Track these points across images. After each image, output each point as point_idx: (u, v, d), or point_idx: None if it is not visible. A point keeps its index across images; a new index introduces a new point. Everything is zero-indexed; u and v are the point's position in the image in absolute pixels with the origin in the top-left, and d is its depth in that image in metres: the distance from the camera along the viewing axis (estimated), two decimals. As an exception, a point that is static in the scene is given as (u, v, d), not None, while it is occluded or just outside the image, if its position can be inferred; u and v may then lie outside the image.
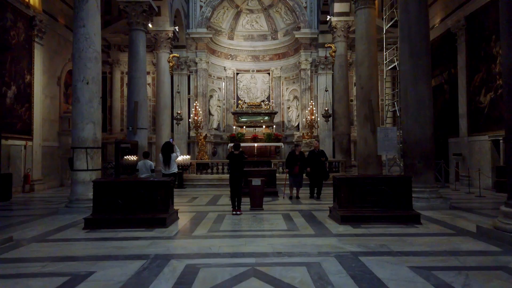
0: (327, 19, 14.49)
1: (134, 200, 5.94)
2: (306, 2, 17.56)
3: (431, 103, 7.79)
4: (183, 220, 6.55)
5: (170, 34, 13.89)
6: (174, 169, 7.67)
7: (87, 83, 7.49)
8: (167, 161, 7.53)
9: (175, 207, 6.80)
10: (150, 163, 8.17)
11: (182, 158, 12.51)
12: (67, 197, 8.28)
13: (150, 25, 14.18)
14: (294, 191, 9.49)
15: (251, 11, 18.87)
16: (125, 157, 10.62)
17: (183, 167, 12.46)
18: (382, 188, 6.07)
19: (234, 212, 7.03)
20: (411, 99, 7.72)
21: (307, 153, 10.28)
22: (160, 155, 7.60)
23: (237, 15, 18.85)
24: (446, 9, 13.80)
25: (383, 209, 6.02)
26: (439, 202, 7.51)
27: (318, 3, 17.31)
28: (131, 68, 10.86)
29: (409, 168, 7.76)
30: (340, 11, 14.16)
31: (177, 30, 14.27)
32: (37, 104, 12.41)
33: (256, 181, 7.72)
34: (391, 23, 13.43)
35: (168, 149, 7.55)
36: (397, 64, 13.32)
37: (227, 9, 18.45)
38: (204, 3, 17.38)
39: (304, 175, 9.61)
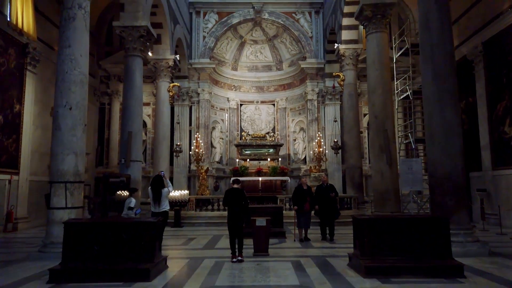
0: (335, 47, 13.88)
1: (113, 246, 4.90)
2: (311, 32, 17.11)
3: (460, 130, 6.83)
4: (173, 269, 5.45)
5: (171, 63, 13.28)
6: (166, 206, 6.63)
7: (70, 109, 6.64)
8: (157, 197, 6.51)
9: (165, 252, 5.72)
10: (131, 200, 7.20)
11: (180, 193, 11.48)
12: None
13: (150, 54, 13.62)
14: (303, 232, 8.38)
15: (255, 41, 18.44)
16: (117, 192, 9.65)
17: (180, 204, 11.40)
18: (414, 231, 4.98)
19: (235, 259, 5.92)
20: (436, 126, 6.77)
21: (315, 188, 9.26)
22: (149, 190, 6.60)
23: (241, 45, 18.41)
24: (460, 36, 13.14)
25: (416, 258, 4.91)
26: (477, 246, 6.36)
27: (324, 32, 16.85)
28: (126, 96, 10.09)
29: (438, 206, 6.67)
30: (348, 39, 13.56)
31: (177, 58, 13.68)
32: (26, 135, 11.60)
33: (261, 221, 6.65)
34: (401, 51, 12.80)
35: (158, 184, 6.55)
36: (410, 93, 12.58)
37: (231, 39, 18.04)
38: (207, 33, 16.98)
39: (312, 213, 8.54)
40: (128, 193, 7.68)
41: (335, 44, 13.92)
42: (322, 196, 8.44)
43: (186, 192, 12.11)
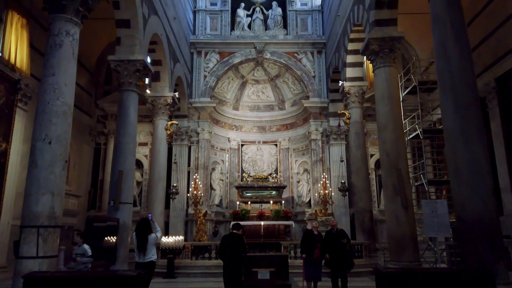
0: (339, 84, 13.42)
1: (81, 306, 3.96)
2: (314, 72, 16.81)
3: (489, 167, 6.03)
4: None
5: (169, 100, 12.76)
6: (152, 256, 5.65)
7: (50, 143, 5.92)
8: (143, 245, 5.56)
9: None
10: (84, 249, 6.25)
11: (174, 239, 10.46)
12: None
13: (148, 91, 13.19)
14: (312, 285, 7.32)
15: (257, 81, 18.13)
16: (105, 238, 8.69)
17: (174, 251, 10.35)
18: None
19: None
20: (462, 163, 5.98)
21: (323, 233, 8.30)
22: (134, 236, 5.68)
23: (243, 85, 18.08)
24: (469, 72, 12.69)
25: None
26: (521, 305, 5.35)
27: (327, 72, 16.54)
28: (119, 133, 9.42)
29: (470, 256, 5.72)
30: (353, 76, 13.14)
31: (176, 95, 13.20)
32: (11, 176, 10.81)
33: (264, 274, 5.71)
34: (408, 89, 12.36)
35: (144, 229, 5.63)
36: (420, 132, 11.95)
37: (232, 79, 17.73)
38: (208, 73, 16.69)
39: (322, 262, 7.53)
40: (81, 240, 6.70)
41: (339, 81, 13.48)
42: (332, 243, 7.47)
43: (181, 238, 11.08)
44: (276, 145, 18.00)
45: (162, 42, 11.88)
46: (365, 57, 13.17)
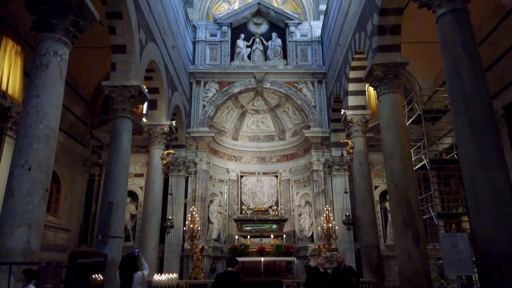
0: (342, 113, 13.05)
1: None
2: (315, 101, 16.54)
3: (512, 197, 5.47)
4: None
5: (166, 129, 12.34)
6: (138, 298, 4.99)
7: (29, 169, 5.40)
8: (127, 284, 4.90)
9: None
10: None
11: (167, 277, 9.68)
12: None
13: (144, 120, 12.81)
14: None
15: (257, 111, 17.83)
16: (92, 276, 7.95)
17: (167, 290, 9.55)
18: None
19: None
20: (483, 193, 5.42)
21: (330, 271, 7.61)
22: (117, 275, 5.03)
23: (242, 115, 17.75)
24: (474, 101, 12.38)
25: None
26: None
27: (328, 101, 16.26)
28: (110, 162, 8.90)
29: (498, 297, 5.04)
30: (355, 105, 12.79)
31: (173, 124, 12.79)
32: (-4, 207, 10.18)
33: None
34: (412, 119, 12.00)
35: (129, 265, 4.99)
36: (427, 162, 11.47)
37: (231, 109, 17.43)
38: (207, 102, 16.40)
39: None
40: (25, 278, 5.49)
41: (342, 110, 13.12)
42: (340, 282, 6.79)
43: (175, 275, 10.29)
44: (276, 176, 17.43)
45: (160, 69, 11.62)
46: (367, 85, 13.13)
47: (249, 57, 17.51)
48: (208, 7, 19.26)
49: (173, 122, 12.67)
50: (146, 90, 11.36)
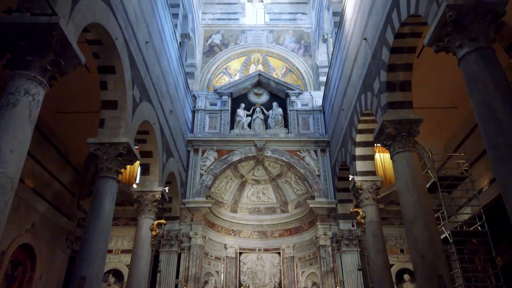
0: (350, 179, 12.02)
1: None
2: (319, 170, 15.62)
3: None
4: None
5: (158, 196, 11.20)
6: None
7: (-29, 227, 4.25)
8: None
9: None
10: None
11: None
12: None
13: (134, 186, 11.76)
14: None
15: (257, 181, 16.82)
16: None
17: None
18: None
19: None
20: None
21: None
22: None
23: (242, 185, 16.71)
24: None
25: None
26: None
27: (332, 170, 15.36)
28: (88, 228, 7.63)
29: None
30: (364, 170, 11.84)
31: (166, 190, 11.67)
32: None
33: None
34: (430, 182, 11.05)
35: None
36: (448, 234, 10.24)
37: (230, 178, 16.45)
38: (205, 171, 15.48)
39: None
40: None
41: (350, 176, 12.12)
42: None
43: None
44: (279, 253, 15.77)
45: (155, 131, 10.90)
46: (375, 152, 12.36)
47: (249, 126, 17.05)
48: (209, 78, 19.39)
49: (166, 188, 11.58)
50: (139, 153, 10.55)
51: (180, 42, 15.93)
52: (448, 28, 5.81)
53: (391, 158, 8.76)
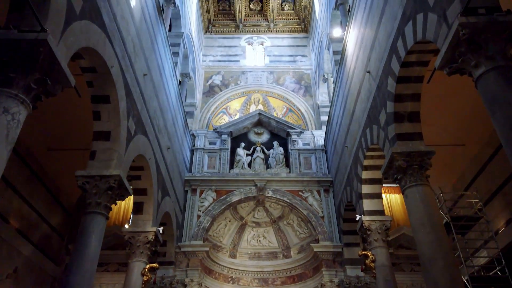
0: (357, 219, 11.27)
1: None
2: (322, 212, 14.85)
3: None
4: None
5: (151, 237, 10.39)
6: None
7: None
8: None
9: None
10: None
11: None
12: None
13: (126, 226, 10.99)
14: None
15: (258, 224, 15.96)
16: None
17: None
18: None
19: None
20: None
21: None
22: None
23: (241, 228, 15.83)
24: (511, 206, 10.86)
25: None
26: None
27: (337, 211, 14.60)
28: (70, 270, 6.83)
29: None
30: (372, 209, 11.14)
31: (160, 231, 10.86)
32: None
33: None
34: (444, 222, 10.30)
35: None
36: (467, 280, 9.39)
37: (229, 221, 15.61)
38: (202, 212, 14.70)
39: None
40: None
41: (357, 216, 11.38)
42: None
43: None
44: (282, 303, 14.57)
45: (150, 167, 10.34)
46: (382, 190, 11.73)
47: (249, 165, 16.52)
48: (209, 118, 19.15)
49: (160, 228, 10.78)
50: (132, 191, 9.92)
51: (180, 81, 15.83)
52: (461, 48, 5.48)
53: (402, 193, 8.15)
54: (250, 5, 22.29)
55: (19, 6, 5.16)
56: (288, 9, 22.54)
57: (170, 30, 15.39)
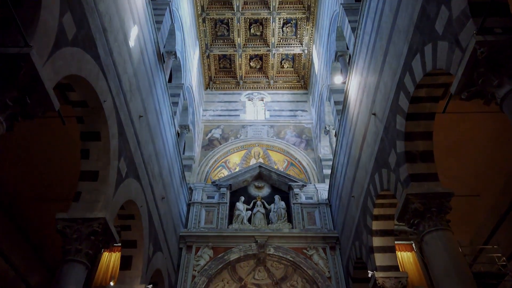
0: (369, 275, 10.12)
1: None
2: (329, 271, 13.61)
3: None
4: None
5: (138, 295, 9.21)
6: None
7: None
8: None
9: None
10: None
11: None
12: None
13: (111, 283, 9.84)
14: None
15: (259, 286, 14.52)
16: None
17: None
18: None
19: None
20: None
21: None
22: None
23: (241, 291, 14.40)
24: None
25: None
26: None
27: (345, 270, 13.40)
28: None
29: None
30: (386, 265, 10.05)
31: (149, 289, 9.66)
32: None
33: None
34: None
35: None
36: None
37: (227, 282, 14.21)
38: (198, 272, 13.44)
39: None
40: None
41: (369, 272, 10.24)
42: None
43: None
44: None
45: (141, 216, 9.48)
46: (394, 240, 10.73)
47: (249, 220, 15.53)
48: (207, 172, 18.51)
49: (150, 286, 9.60)
50: (121, 243, 9.02)
51: (178, 132, 15.46)
52: (480, 68, 5.06)
53: (422, 240, 7.27)
54: (251, 63, 22.77)
55: (5, 23, 4.83)
56: (287, 67, 23.00)
57: (170, 81, 15.39)
